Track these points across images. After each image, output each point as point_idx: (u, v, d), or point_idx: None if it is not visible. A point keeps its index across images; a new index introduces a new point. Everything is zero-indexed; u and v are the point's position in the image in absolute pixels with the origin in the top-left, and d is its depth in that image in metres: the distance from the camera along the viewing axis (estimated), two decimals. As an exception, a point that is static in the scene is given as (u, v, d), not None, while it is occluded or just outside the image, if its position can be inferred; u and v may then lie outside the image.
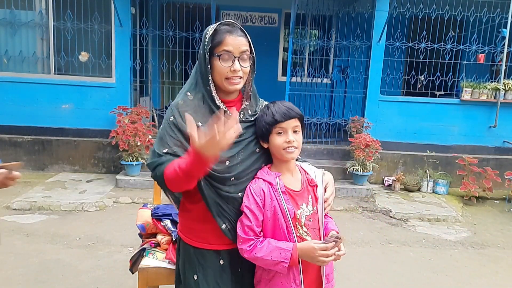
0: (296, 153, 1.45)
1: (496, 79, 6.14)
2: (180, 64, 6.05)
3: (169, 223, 2.13)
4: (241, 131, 1.31)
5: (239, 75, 1.39)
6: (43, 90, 5.84)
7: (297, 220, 1.42)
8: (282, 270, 1.36)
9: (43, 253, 3.37)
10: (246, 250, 1.39)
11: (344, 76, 6.63)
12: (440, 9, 5.83)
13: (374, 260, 3.58)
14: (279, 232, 1.40)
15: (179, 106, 1.42)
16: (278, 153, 1.44)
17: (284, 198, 1.40)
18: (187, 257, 1.52)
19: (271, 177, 1.44)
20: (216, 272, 1.47)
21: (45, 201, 4.51)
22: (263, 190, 1.40)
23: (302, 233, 1.42)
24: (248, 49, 1.40)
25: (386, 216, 4.79)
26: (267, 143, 1.46)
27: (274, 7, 7.53)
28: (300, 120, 1.46)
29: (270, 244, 1.37)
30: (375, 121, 6.03)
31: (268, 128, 1.42)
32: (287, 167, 1.48)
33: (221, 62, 1.37)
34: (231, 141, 1.18)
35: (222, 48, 1.37)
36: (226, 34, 1.38)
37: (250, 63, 1.44)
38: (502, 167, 5.73)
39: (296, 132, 1.45)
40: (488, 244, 4.10)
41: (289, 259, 1.33)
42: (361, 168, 5.47)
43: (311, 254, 1.33)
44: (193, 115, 1.36)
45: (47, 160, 5.78)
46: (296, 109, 1.45)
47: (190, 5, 6.02)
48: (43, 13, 5.92)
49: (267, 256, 1.35)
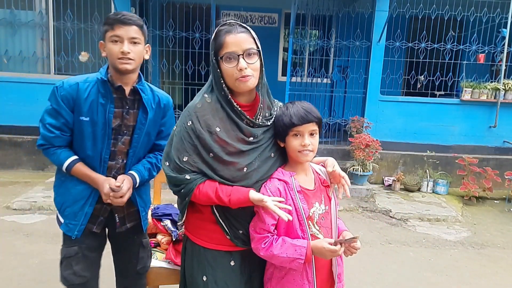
0: (311, 156, 1.47)
1: (496, 79, 6.14)
2: (180, 64, 6.05)
3: (169, 223, 2.13)
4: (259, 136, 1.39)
5: (248, 73, 1.35)
6: (43, 90, 5.78)
7: (311, 219, 1.44)
8: (297, 267, 1.38)
9: (43, 253, 3.36)
10: (262, 248, 1.40)
11: (344, 76, 6.63)
12: (440, 9, 5.83)
13: (374, 260, 3.58)
14: (292, 230, 1.42)
15: (197, 110, 1.40)
16: (293, 154, 1.46)
17: (299, 197, 1.43)
18: (196, 257, 1.49)
19: (286, 176, 1.45)
20: (226, 273, 1.46)
21: (45, 201, 4.51)
22: (279, 189, 1.42)
23: (315, 232, 1.44)
24: (253, 46, 1.36)
25: (386, 216, 4.79)
26: (284, 143, 1.47)
27: (274, 7, 7.52)
28: (318, 123, 1.46)
29: (285, 241, 1.39)
30: (375, 121, 6.03)
31: (285, 129, 1.43)
32: (302, 167, 1.50)
33: (226, 64, 1.35)
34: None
35: (224, 50, 1.35)
36: (225, 35, 1.35)
37: (258, 59, 1.39)
38: (502, 167, 5.73)
39: (313, 136, 1.46)
40: (488, 244, 4.10)
41: (304, 256, 1.35)
42: (361, 168, 5.47)
43: (322, 251, 1.36)
44: (211, 119, 1.38)
45: (47, 160, 5.68)
46: (315, 112, 1.45)
47: (190, 5, 6.02)
48: (43, 13, 5.93)
49: (282, 254, 1.36)
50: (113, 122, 1.71)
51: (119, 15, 1.64)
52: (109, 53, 1.66)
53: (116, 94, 1.71)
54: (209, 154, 1.37)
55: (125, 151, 1.78)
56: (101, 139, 1.70)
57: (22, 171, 5.72)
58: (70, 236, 1.75)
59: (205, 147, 1.37)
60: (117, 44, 1.64)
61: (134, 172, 1.78)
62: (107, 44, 1.66)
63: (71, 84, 1.68)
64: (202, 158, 1.38)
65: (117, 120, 1.72)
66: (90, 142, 1.71)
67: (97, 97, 1.68)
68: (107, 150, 1.72)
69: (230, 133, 1.39)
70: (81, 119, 1.68)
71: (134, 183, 1.76)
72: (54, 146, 1.74)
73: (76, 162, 1.72)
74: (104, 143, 1.71)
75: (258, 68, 1.39)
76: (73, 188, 1.75)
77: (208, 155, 1.37)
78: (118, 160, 1.77)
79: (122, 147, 1.76)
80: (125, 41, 1.63)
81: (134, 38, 1.66)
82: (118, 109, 1.72)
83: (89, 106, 1.67)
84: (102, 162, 1.73)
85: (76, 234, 1.74)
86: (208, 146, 1.37)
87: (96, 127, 1.69)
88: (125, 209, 1.84)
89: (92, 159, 1.73)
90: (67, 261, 1.76)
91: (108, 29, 1.64)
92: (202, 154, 1.37)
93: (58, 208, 1.82)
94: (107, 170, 1.76)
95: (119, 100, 1.72)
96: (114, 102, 1.70)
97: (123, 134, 1.75)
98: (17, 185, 5.14)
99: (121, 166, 1.79)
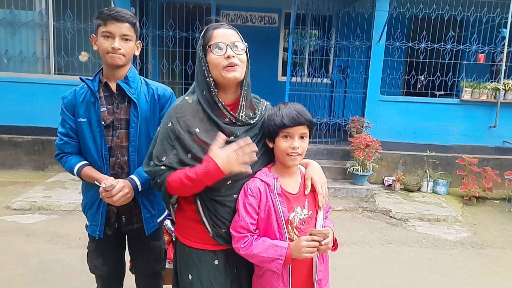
0: (299, 160, 1.44)
1: (496, 79, 6.14)
2: (180, 64, 6.05)
3: (169, 223, 2.12)
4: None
5: (235, 62, 1.37)
6: (43, 90, 5.84)
7: (290, 223, 1.42)
8: (277, 267, 1.36)
9: (43, 253, 3.37)
10: (241, 248, 1.39)
11: (344, 76, 6.63)
12: (440, 9, 5.83)
13: (374, 260, 3.58)
14: (271, 232, 1.41)
15: (178, 111, 1.42)
16: (281, 156, 1.44)
17: (279, 199, 1.41)
18: (182, 256, 1.52)
19: (269, 178, 1.43)
20: (210, 272, 1.47)
21: (45, 201, 4.51)
22: (260, 189, 1.40)
23: (293, 236, 1.42)
24: (239, 41, 1.40)
25: (386, 216, 4.79)
26: (273, 143, 1.45)
27: (274, 7, 7.52)
28: (309, 127, 1.44)
29: (265, 241, 1.38)
30: (375, 121, 6.03)
31: (275, 130, 1.41)
32: (288, 170, 1.48)
33: (214, 52, 1.37)
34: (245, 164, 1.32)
35: (212, 41, 1.38)
36: (214, 30, 1.40)
37: (244, 53, 1.42)
38: (502, 167, 5.73)
39: (303, 139, 1.44)
40: (488, 244, 4.10)
41: (284, 256, 1.34)
42: (361, 168, 5.47)
43: (298, 246, 1.33)
44: (191, 120, 1.40)
45: (47, 160, 5.78)
46: (307, 115, 1.43)
47: (190, 5, 6.02)
48: (43, 13, 5.93)
49: (262, 253, 1.36)
50: (107, 119, 1.76)
51: (112, 11, 1.66)
52: (100, 47, 1.70)
53: (106, 92, 1.77)
54: (187, 155, 1.39)
55: (124, 146, 1.80)
56: (98, 137, 1.76)
57: (22, 171, 5.72)
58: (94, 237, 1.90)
59: (184, 148, 1.38)
60: (109, 40, 1.67)
61: (135, 175, 1.81)
62: (99, 39, 1.70)
63: (71, 91, 1.83)
64: (179, 159, 1.39)
65: (110, 116, 1.76)
66: (91, 141, 1.77)
67: (90, 98, 1.75)
68: (105, 146, 1.76)
69: (210, 133, 1.40)
70: (80, 121, 1.77)
71: (135, 185, 1.77)
72: (66, 153, 1.85)
73: (84, 166, 1.80)
74: (102, 140, 1.76)
75: (245, 60, 1.41)
76: (89, 191, 1.86)
77: (186, 156, 1.39)
78: (117, 155, 1.79)
79: (118, 142, 1.79)
80: (117, 37, 1.67)
81: (126, 35, 1.69)
82: (109, 105, 1.77)
83: (85, 107, 1.76)
84: (104, 160, 1.78)
85: (98, 234, 1.86)
86: (187, 147, 1.38)
87: (92, 126, 1.75)
88: (132, 210, 1.88)
89: (97, 159, 1.79)
90: (90, 255, 1.98)
91: (101, 24, 1.68)
92: (180, 155, 1.39)
93: (83, 211, 1.96)
94: (110, 168, 1.80)
95: (109, 96, 1.77)
96: (104, 99, 1.76)
97: (116, 128, 1.78)
98: (17, 185, 5.14)
99: (123, 163, 1.81)
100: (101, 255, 1.95)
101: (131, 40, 1.72)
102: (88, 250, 2.00)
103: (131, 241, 2.01)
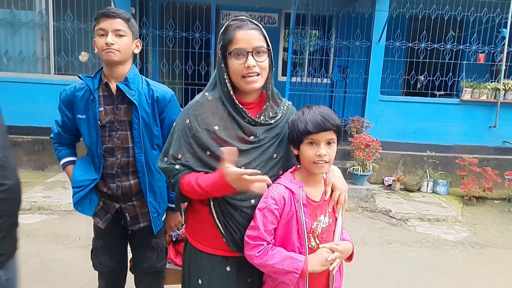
0: (326, 168, 1.34)
1: (496, 79, 6.14)
2: (180, 64, 6.04)
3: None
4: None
5: (255, 71, 1.30)
6: (43, 90, 5.84)
7: (312, 232, 1.35)
8: (291, 280, 1.28)
9: (43, 253, 3.37)
10: (255, 257, 1.30)
11: (344, 76, 6.63)
12: (440, 9, 5.83)
13: (374, 260, 3.58)
14: (289, 241, 1.33)
15: (196, 108, 1.37)
16: (307, 165, 1.34)
17: (304, 210, 1.32)
18: (193, 260, 1.47)
19: (294, 185, 1.34)
20: (222, 279, 1.41)
21: (45, 201, 4.51)
22: (284, 197, 1.31)
23: (314, 245, 1.35)
24: (263, 44, 1.31)
25: (386, 216, 4.79)
26: (298, 150, 1.35)
27: (274, 7, 7.52)
28: (337, 131, 1.33)
29: (282, 252, 1.30)
30: (375, 121, 6.03)
31: (299, 137, 1.31)
32: (314, 178, 1.38)
33: (234, 59, 1.30)
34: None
35: (233, 46, 1.30)
36: (235, 30, 1.30)
37: (267, 58, 1.33)
38: (502, 167, 5.73)
39: (330, 145, 1.33)
40: (488, 244, 4.10)
41: (300, 270, 1.26)
42: (361, 168, 5.47)
43: (317, 259, 1.29)
44: (210, 118, 1.35)
45: (47, 160, 5.78)
46: (333, 119, 1.31)
47: (190, 5, 6.02)
48: (43, 13, 5.93)
49: (278, 265, 1.27)
50: (104, 119, 1.77)
51: (105, 10, 1.71)
52: (97, 46, 1.73)
53: (105, 91, 1.78)
54: (205, 152, 1.34)
55: (126, 148, 1.80)
56: (94, 135, 1.78)
57: (22, 171, 5.72)
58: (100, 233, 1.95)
59: (202, 145, 1.34)
60: (103, 37, 1.70)
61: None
62: (95, 38, 1.74)
63: (71, 86, 1.84)
64: (196, 156, 1.35)
65: (108, 116, 1.77)
66: (87, 138, 1.81)
67: (89, 95, 1.76)
68: (100, 145, 1.78)
69: (229, 131, 1.34)
70: (78, 117, 1.80)
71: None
72: (58, 143, 1.94)
73: (68, 164, 1.92)
74: (98, 139, 1.78)
75: (267, 67, 1.34)
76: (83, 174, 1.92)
77: (205, 153, 1.34)
78: (117, 156, 1.80)
79: (119, 143, 1.79)
80: (110, 33, 1.69)
81: (119, 30, 1.70)
82: (108, 105, 1.78)
83: (84, 104, 1.77)
84: (99, 158, 1.80)
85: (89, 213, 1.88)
86: (205, 145, 1.33)
87: (89, 124, 1.78)
88: (138, 209, 1.88)
89: (94, 155, 1.82)
90: (96, 252, 1.99)
91: (95, 24, 1.72)
92: (197, 153, 1.34)
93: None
94: (108, 167, 1.81)
95: (108, 96, 1.78)
96: (103, 98, 1.77)
97: (117, 129, 1.78)
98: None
99: (124, 163, 1.81)
100: (107, 252, 1.96)
101: (125, 36, 1.72)
102: (93, 247, 2.01)
103: (134, 238, 2.01)
